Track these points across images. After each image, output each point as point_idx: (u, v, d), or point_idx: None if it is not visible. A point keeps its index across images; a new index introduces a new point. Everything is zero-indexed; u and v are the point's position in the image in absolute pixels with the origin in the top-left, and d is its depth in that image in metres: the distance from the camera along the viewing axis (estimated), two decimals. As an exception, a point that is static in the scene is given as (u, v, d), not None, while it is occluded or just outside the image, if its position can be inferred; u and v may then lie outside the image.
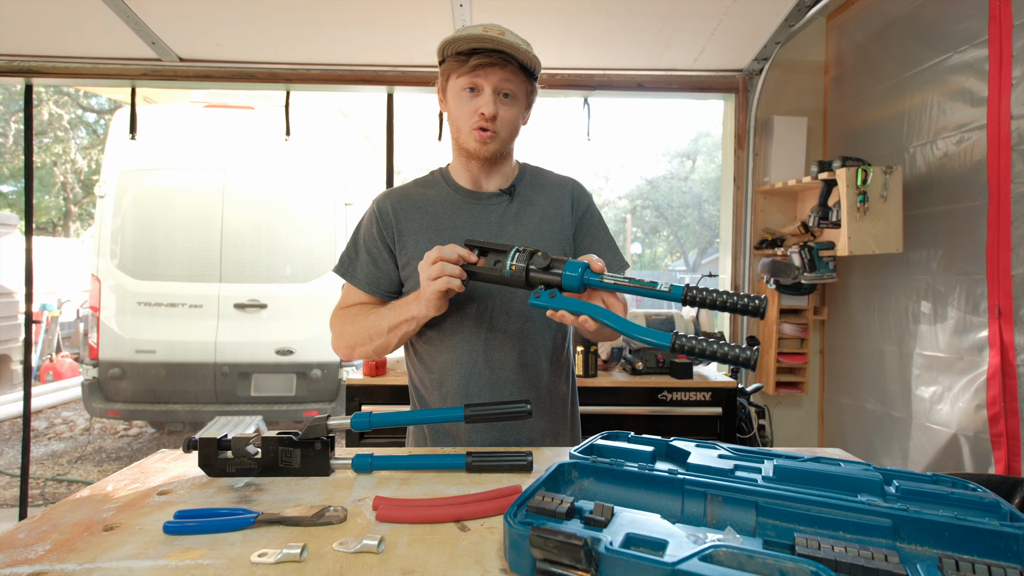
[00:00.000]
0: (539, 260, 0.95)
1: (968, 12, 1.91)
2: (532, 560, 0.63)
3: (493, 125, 1.13)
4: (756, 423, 2.45)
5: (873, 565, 0.58)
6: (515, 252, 0.97)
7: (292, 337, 4.11)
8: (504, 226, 1.21)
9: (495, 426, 1.20)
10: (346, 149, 4.35)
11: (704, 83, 2.72)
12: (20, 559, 0.68)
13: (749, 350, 0.81)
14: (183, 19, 2.31)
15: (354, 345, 1.19)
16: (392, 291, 1.24)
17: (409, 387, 1.32)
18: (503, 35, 1.09)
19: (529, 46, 1.14)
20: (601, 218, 1.30)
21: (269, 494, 0.88)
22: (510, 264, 0.97)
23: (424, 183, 1.28)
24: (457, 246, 1.01)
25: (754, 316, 0.84)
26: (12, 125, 13.58)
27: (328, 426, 0.98)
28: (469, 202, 1.22)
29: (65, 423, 5.67)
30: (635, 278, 0.93)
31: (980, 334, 1.87)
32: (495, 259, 0.99)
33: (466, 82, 1.12)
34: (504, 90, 1.12)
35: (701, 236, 20.81)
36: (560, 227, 1.23)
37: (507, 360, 1.19)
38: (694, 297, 0.87)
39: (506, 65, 1.10)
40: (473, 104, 1.13)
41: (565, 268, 0.94)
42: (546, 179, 1.30)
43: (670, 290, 0.89)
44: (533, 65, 1.13)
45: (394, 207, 1.22)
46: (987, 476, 1.11)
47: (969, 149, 1.92)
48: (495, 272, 0.99)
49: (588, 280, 0.93)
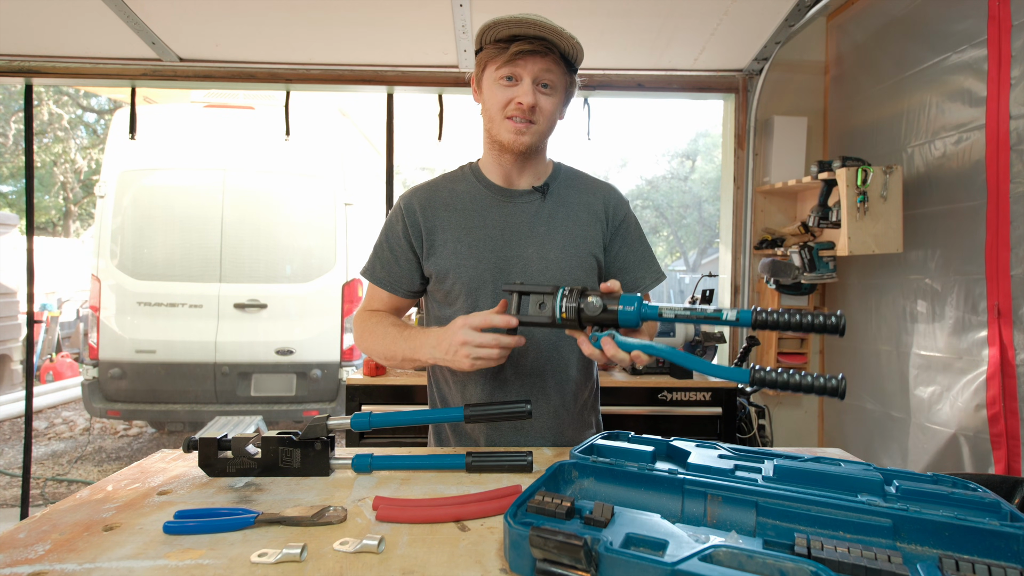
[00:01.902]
0: (591, 306, 0.88)
1: (967, 12, 1.91)
2: (532, 560, 0.63)
3: (532, 115, 1.08)
4: (756, 423, 2.45)
5: (876, 566, 0.58)
6: (562, 294, 0.90)
7: (292, 337, 4.11)
8: (536, 226, 1.17)
9: (516, 431, 1.19)
10: (346, 149, 4.35)
11: (704, 83, 2.71)
12: (20, 559, 0.68)
13: (835, 379, 0.75)
14: (183, 19, 2.31)
15: (371, 353, 1.18)
16: (413, 290, 1.22)
17: (428, 386, 1.29)
18: (545, 22, 1.05)
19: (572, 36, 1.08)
20: (639, 227, 1.26)
21: (269, 494, 0.88)
22: (560, 309, 0.90)
23: (453, 178, 1.23)
24: (501, 318, 0.95)
25: (833, 333, 0.78)
26: (12, 125, 13.57)
27: (328, 426, 0.98)
28: (500, 199, 1.18)
29: (65, 423, 5.67)
30: (696, 308, 0.85)
31: (979, 334, 1.87)
32: (539, 301, 0.93)
33: (505, 71, 1.07)
34: (544, 80, 1.07)
35: (701, 236, 20.81)
36: (593, 233, 1.19)
37: (535, 367, 1.17)
38: (764, 320, 0.81)
39: (547, 54, 1.06)
40: (509, 93, 1.08)
41: (620, 303, 0.87)
42: (582, 181, 1.25)
43: (738, 318, 0.82)
44: (575, 55, 1.08)
45: (421, 205, 1.18)
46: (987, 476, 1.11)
47: (968, 149, 1.92)
48: (542, 317, 0.92)
49: (646, 314, 0.87)
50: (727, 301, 2.79)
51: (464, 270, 1.15)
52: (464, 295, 1.16)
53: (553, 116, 1.13)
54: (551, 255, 1.15)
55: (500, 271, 1.15)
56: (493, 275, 1.15)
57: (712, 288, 2.50)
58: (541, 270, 1.15)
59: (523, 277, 1.14)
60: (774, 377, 0.78)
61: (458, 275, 1.15)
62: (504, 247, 1.15)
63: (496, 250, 1.15)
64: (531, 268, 1.15)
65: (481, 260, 1.15)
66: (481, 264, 1.15)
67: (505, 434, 1.19)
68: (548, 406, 1.18)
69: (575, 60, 1.11)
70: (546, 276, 1.14)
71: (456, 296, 1.17)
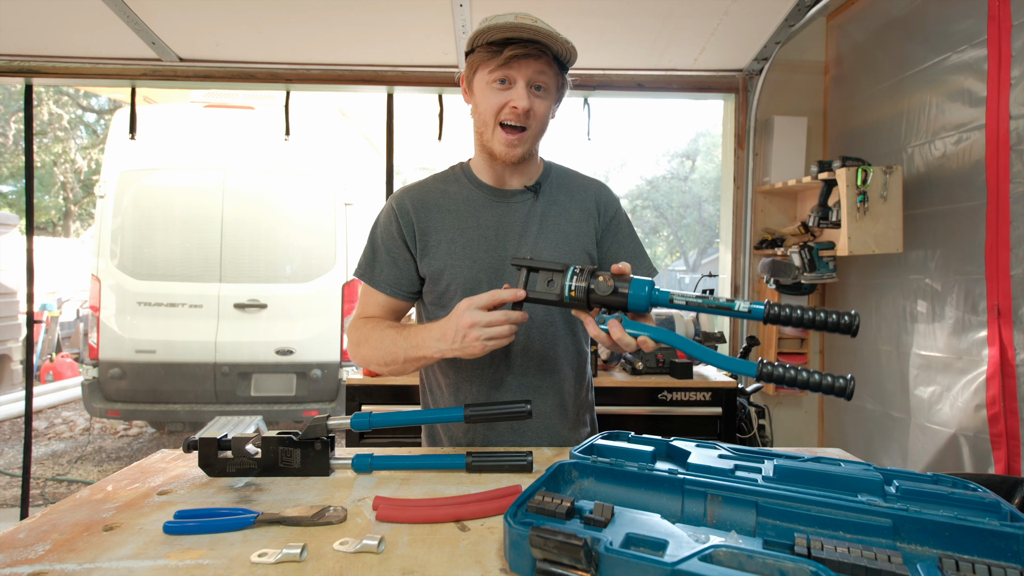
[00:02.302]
0: (602, 286, 0.86)
1: (967, 12, 1.91)
2: (532, 560, 0.63)
3: (526, 120, 1.08)
4: (756, 423, 2.45)
5: (876, 566, 0.58)
6: (572, 272, 0.89)
7: (292, 337, 4.11)
8: (529, 225, 1.17)
9: (513, 432, 1.19)
10: (346, 149, 4.35)
11: (704, 83, 2.71)
12: (20, 559, 0.68)
13: (844, 379, 0.74)
14: (183, 19, 2.31)
15: (369, 362, 1.14)
16: (413, 291, 1.20)
17: (421, 388, 1.28)
18: (537, 23, 1.04)
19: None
20: (629, 223, 1.26)
21: (269, 494, 0.88)
22: (568, 286, 0.88)
23: (444, 179, 1.23)
24: (508, 291, 0.93)
25: (845, 333, 0.76)
26: (12, 125, 13.57)
27: (328, 426, 0.98)
28: (493, 200, 1.18)
29: (65, 423, 5.67)
30: (707, 296, 0.84)
31: (979, 334, 1.87)
32: (548, 278, 0.91)
33: (498, 74, 1.06)
34: (537, 82, 1.07)
35: (701, 236, 20.81)
36: (586, 230, 1.20)
37: (529, 367, 1.17)
38: (777, 315, 0.79)
39: (541, 56, 1.05)
40: (503, 97, 1.06)
41: (631, 287, 0.85)
42: (573, 180, 1.25)
43: (750, 310, 0.81)
44: (568, 56, 1.07)
45: (414, 205, 1.17)
46: (987, 476, 1.11)
47: (968, 149, 1.92)
48: (550, 294, 0.90)
49: (657, 299, 0.85)
50: (727, 301, 2.79)
51: (459, 270, 1.15)
52: (459, 296, 1.15)
53: (546, 119, 1.12)
54: (545, 254, 1.16)
55: (495, 271, 1.15)
56: (488, 275, 1.15)
57: (712, 288, 2.50)
58: None
59: (517, 277, 1.14)
60: (782, 372, 0.77)
61: (453, 276, 1.15)
62: (498, 247, 1.16)
63: (491, 250, 1.16)
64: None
65: (476, 260, 1.15)
66: (476, 264, 1.15)
67: (501, 434, 1.18)
68: (543, 406, 1.18)
69: (568, 61, 1.10)
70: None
71: (451, 297, 1.16)
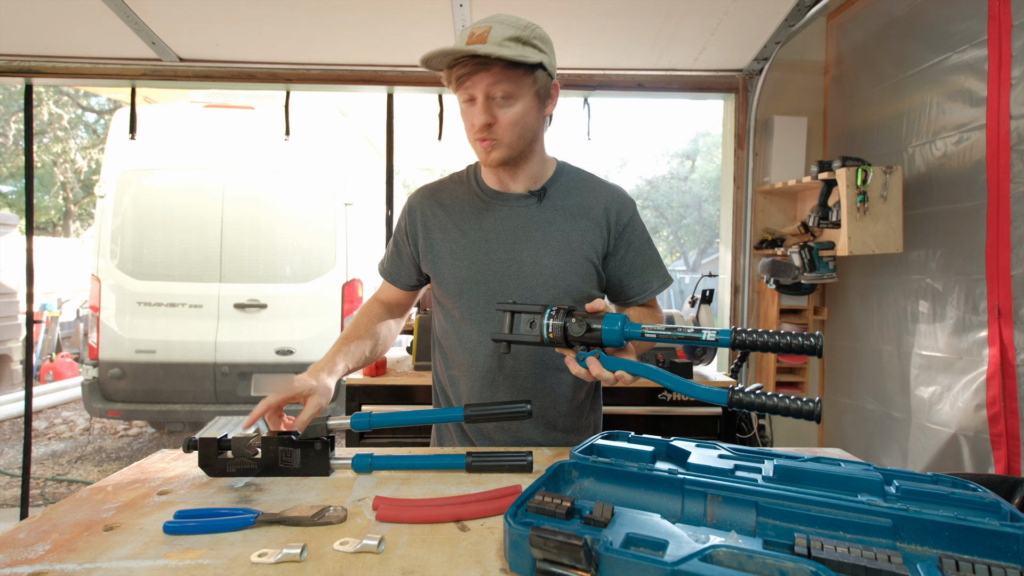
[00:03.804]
0: (575, 327, 0.91)
1: (967, 12, 1.91)
2: (532, 560, 0.63)
3: (490, 133, 1.07)
4: (756, 423, 2.45)
5: (876, 566, 0.58)
6: (549, 314, 0.94)
7: (292, 337, 4.11)
8: (531, 230, 1.16)
9: (514, 431, 1.19)
10: (346, 149, 4.35)
11: (704, 83, 2.71)
12: (20, 559, 0.68)
13: (812, 402, 0.78)
14: (183, 19, 2.31)
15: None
16: (410, 284, 1.27)
17: (432, 383, 1.32)
18: (487, 33, 1.01)
19: (526, 34, 1.04)
20: (645, 232, 1.24)
21: (269, 494, 0.89)
22: (547, 326, 0.93)
23: (457, 179, 1.27)
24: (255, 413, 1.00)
25: (811, 355, 0.80)
26: (12, 125, 13.57)
27: (328, 426, 0.98)
28: (494, 203, 1.19)
29: (65, 423, 5.67)
30: (676, 327, 0.88)
31: (979, 334, 1.87)
32: (530, 320, 0.96)
33: (461, 95, 1.09)
34: (496, 93, 1.04)
35: (701, 236, 20.80)
36: (591, 238, 1.17)
37: (523, 367, 1.17)
38: (743, 341, 0.83)
39: (490, 67, 1.02)
40: (470, 115, 1.09)
41: (604, 323, 0.90)
42: (586, 184, 1.22)
43: (717, 338, 0.84)
44: (523, 57, 1.01)
45: (423, 204, 1.23)
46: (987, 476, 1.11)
47: (968, 149, 1.92)
48: (532, 336, 0.95)
49: (629, 334, 0.90)
50: (727, 301, 2.79)
51: (457, 271, 1.17)
52: (458, 295, 1.18)
53: (520, 123, 1.08)
54: (545, 260, 1.15)
55: (493, 273, 1.15)
56: (486, 276, 1.15)
57: (712, 288, 2.50)
58: (535, 274, 1.15)
59: (516, 281, 1.15)
60: (751, 399, 0.81)
61: (451, 275, 1.17)
62: (498, 249, 1.16)
63: (490, 252, 1.16)
64: (525, 272, 1.15)
65: (474, 262, 1.16)
66: (474, 266, 1.16)
67: (506, 435, 1.19)
68: (546, 406, 1.19)
69: (526, 60, 1.02)
70: (539, 280, 1.15)
71: (451, 296, 1.19)
